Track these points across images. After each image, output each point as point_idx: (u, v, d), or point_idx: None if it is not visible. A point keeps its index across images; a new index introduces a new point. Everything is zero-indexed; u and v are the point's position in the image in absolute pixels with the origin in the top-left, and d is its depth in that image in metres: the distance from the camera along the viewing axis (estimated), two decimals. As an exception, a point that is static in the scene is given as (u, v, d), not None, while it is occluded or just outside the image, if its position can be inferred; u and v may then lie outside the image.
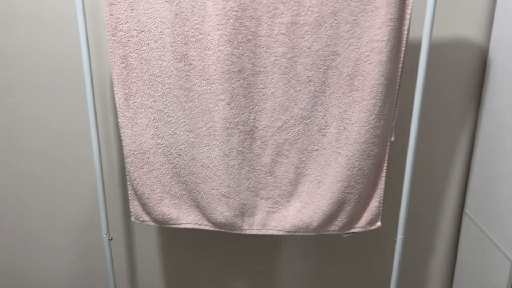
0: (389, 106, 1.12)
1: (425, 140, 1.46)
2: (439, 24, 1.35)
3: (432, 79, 1.40)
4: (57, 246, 1.61)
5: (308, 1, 1.02)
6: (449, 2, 1.32)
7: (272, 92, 1.10)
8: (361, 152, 1.12)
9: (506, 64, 1.24)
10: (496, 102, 1.30)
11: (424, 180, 1.51)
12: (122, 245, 1.59)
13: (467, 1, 1.32)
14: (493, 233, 1.32)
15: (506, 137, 1.24)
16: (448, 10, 1.33)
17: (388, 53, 1.05)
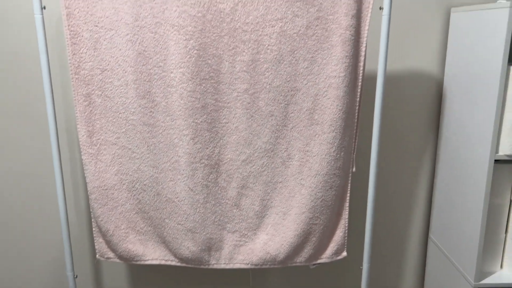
0: (349, 139, 1.15)
1: (387, 170, 1.51)
2: (396, 57, 1.41)
3: (392, 111, 1.46)
4: (25, 284, 1.55)
5: (267, 40, 1.07)
6: (404, 37, 1.40)
7: (235, 126, 1.13)
8: (324, 184, 1.15)
9: (460, 94, 1.30)
10: (452, 131, 1.36)
11: (388, 208, 1.54)
12: (89, 283, 1.55)
13: (421, 35, 1.40)
14: (455, 258, 1.35)
15: (463, 165, 1.30)
16: (404, 45, 1.40)
17: (345, 89, 1.09)
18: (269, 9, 1.05)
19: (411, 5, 1.37)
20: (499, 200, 1.24)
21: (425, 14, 1.38)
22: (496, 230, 1.27)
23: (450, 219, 1.38)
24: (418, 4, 1.37)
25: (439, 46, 1.41)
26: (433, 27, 1.39)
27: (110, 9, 1.03)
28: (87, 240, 1.51)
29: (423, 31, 1.39)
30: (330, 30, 1.07)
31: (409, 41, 1.40)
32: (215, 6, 1.03)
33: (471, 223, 1.24)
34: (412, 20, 1.38)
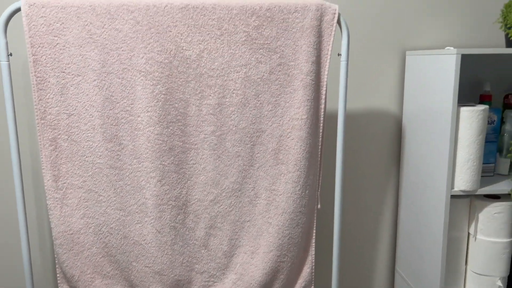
0: (313, 177, 1.19)
1: (352, 205, 1.55)
2: (358, 98, 1.49)
3: (356, 148, 1.52)
4: (-21, 336, 1.48)
5: (232, 85, 1.11)
6: (365, 78, 1.47)
7: (203, 167, 1.15)
8: (290, 221, 1.18)
9: (417, 132, 1.37)
10: (412, 167, 1.43)
11: (355, 242, 1.58)
12: (53, 329, 1.50)
13: (381, 77, 1.48)
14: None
15: (422, 200, 1.35)
16: (365, 85, 1.48)
17: (307, 130, 1.14)
18: (234, 56, 1.09)
19: (370, 49, 1.45)
20: (457, 233, 1.30)
21: (383, 57, 1.46)
22: (456, 262, 1.32)
23: (414, 252, 1.42)
24: (376, 48, 1.45)
25: (397, 87, 1.49)
26: (391, 69, 1.47)
27: (77, 56, 1.06)
28: (52, 287, 1.46)
29: (382, 72, 1.47)
30: (292, 76, 1.12)
31: (370, 82, 1.48)
32: (181, 53, 1.07)
33: (433, 256, 1.29)
34: (372, 63, 1.46)
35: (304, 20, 1.09)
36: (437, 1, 1.44)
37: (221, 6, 1.07)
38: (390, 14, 1.44)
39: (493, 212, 1.25)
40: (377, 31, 1.45)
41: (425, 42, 1.46)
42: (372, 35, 1.45)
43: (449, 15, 1.45)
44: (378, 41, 1.45)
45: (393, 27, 1.45)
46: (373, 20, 1.44)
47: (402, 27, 1.45)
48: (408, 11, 1.44)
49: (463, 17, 1.45)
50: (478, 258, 1.29)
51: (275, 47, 1.10)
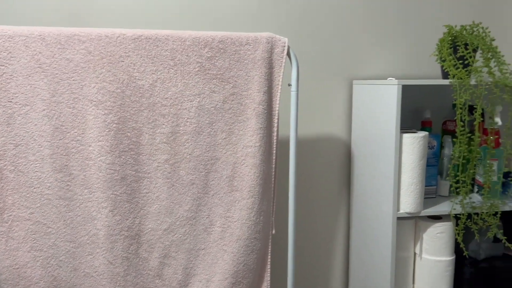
0: (267, 203, 1.22)
1: (305, 228, 1.59)
2: (310, 124, 1.54)
3: (308, 173, 1.56)
4: None
5: (186, 114, 1.12)
6: (315, 105, 1.54)
7: (156, 196, 1.14)
8: (245, 248, 1.19)
9: (364, 157, 1.44)
10: (361, 190, 1.49)
11: (309, 266, 1.61)
12: None
13: (330, 104, 1.55)
14: (372, 311, 1.43)
15: (371, 222, 1.41)
16: (316, 113, 1.54)
17: (261, 157, 1.17)
18: (187, 85, 1.12)
19: (320, 78, 1.52)
20: (404, 253, 1.36)
21: (332, 86, 1.54)
22: (404, 281, 1.38)
23: (365, 273, 1.47)
24: (325, 78, 1.53)
25: (346, 114, 1.56)
26: (339, 97, 1.55)
27: (25, 85, 1.04)
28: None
29: (332, 101, 1.54)
30: (245, 105, 1.16)
31: (320, 110, 1.54)
32: (134, 83, 1.08)
33: (382, 276, 1.34)
34: (321, 92, 1.53)
35: (256, 52, 1.14)
36: (381, 35, 1.54)
37: (174, 37, 1.10)
38: (338, 46, 1.52)
39: (436, 232, 1.32)
40: (326, 62, 1.52)
41: (371, 72, 1.55)
42: (321, 65, 1.52)
43: (392, 48, 1.55)
44: (327, 71, 1.53)
45: (341, 58, 1.53)
46: (322, 52, 1.51)
47: (349, 59, 1.53)
48: (354, 44, 1.53)
49: (405, 50, 1.56)
50: (424, 276, 1.35)
51: (228, 77, 1.14)
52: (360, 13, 1.52)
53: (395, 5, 1.54)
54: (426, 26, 1.57)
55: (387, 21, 1.54)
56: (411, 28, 1.56)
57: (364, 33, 1.53)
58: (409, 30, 1.56)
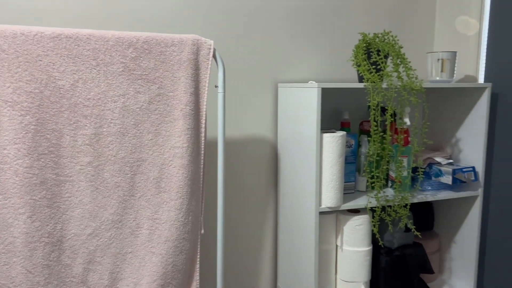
0: (196, 203, 1.23)
1: (235, 227, 1.63)
2: (238, 125, 1.58)
3: (237, 172, 1.60)
4: None
5: (110, 115, 1.10)
6: (243, 107, 1.58)
7: (79, 200, 1.11)
8: (174, 249, 1.19)
9: (289, 156, 1.51)
10: (287, 187, 1.56)
11: (238, 263, 1.65)
12: None
13: (257, 105, 1.59)
14: (299, 303, 1.50)
15: (296, 217, 1.48)
16: (244, 114, 1.58)
17: (189, 157, 1.18)
18: (111, 86, 1.10)
19: (247, 81, 1.57)
20: (326, 246, 1.44)
21: (259, 88, 1.59)
22: (327, 272, 1.47)
23: (292, 267, 1.53)
24: (252, 80, 1.57)
25: (272, 115, 1.62)
26: (266, 99, 1.60)
27: None
28: None
29: (259, 102, 1.59)
30: (172, 106, 1.16)
31: (247, 111, 1.58)
32: (54, 83, 1.04)
33: (307, 269, 1.41)
34: (248, 94, 1.58)
35: (182, 54, 1.15)
36: (304, 41, 1.62)
37: (97, 37, 1.07)
38: (264, 50, 1.58)
39: (354, 225, 1.42)
40: (253, 66, 1.57)
41: (295, 76, 1.63)
42: (248, 69, 1.57)
43: (314, 53, 1.64)
44: (254, 74, 1.57)
45: (267, 62, 1.58)
46: (249, 56, 1.56)
47: (274, 63, 1.59)
48: (279, 48, 1.60)
49: (326, 55, 1.66)
50: (345, 267, 1.45)
51: (153, 78, 1.13)
52: (284, 18, 1.59)
53: (317, 12, 1.63)
54: (345, 33, 1.68)
55: (310, 27, 1.63)
56: (332, 35, 1.66)
57: (289, 38, 1.61)
58: (330, 36, 1.66)
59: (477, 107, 1.53)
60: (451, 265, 1.68)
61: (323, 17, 1.64)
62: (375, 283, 1.51)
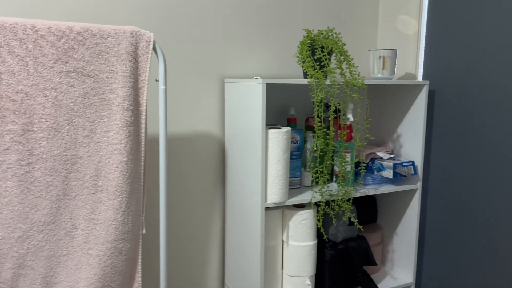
0: (136, 202, 1.19)
1: (182, 225, 1.59)
2: (184, 120, 1.54)
3: (183, 170, 1.56)
4: None
5: (41, 109, 1.03)
6: (189, 102, 1.54)
7: (7, 201, 1.03)
8: (113, 250, 1.14)
9: (236, 152, 1.50)
10: (234, 184, 1.54)
11: (185, 262, 1.61)
12: None
13: (204, 101, 1.56)
14: (246, 300, 1.49)
15: (243, 213, 1.47)
16: (190, 109, 1.55)
17: (128, 155, 1.13)
18: (41, 79, 1.03)
19: (192, 75, 1.53)
20: (272, 241, 1.45)
21: (205, 83, 1.56)
22: (274, 267, 1.47)
23: (239, 264, 1.53)
24: (199, 75, 1.54)
25: (219, 111, 1.60)
26: (213, 94, 1.58)
27: None
28: None
29: (205, 97, 1.56)
30: (109, 100, 1.11)
31: (194, 106, 1.55)
32: (-25, 75, 0.96)
33: (253, 265, 1.41)
34: (195, 89, 1.54)
35: (119, 46, 1.10)
36: (251, 36, 1.61)
37: (25, 26, 1.00)
38: (210, 45, 1.55)
39: (300, 220, 1.43)
40: (198, 60, 1.54)
41: (241, 71, 1.62)
42: (193, 63, 1.53)
43: (261, 49, 1.64)
44: (199, 68, 1.54)
45: (213, 57, 1.56)
46: (194, 49, 1.53)
47: (220, 57, 1.57)
48: (226, 43, 1.57)
49: (273, 50, 1.66)
50: (291, 262, 1.46)
51: (88, 71, 1.08)
52: (230, 12, 1.57)
53: (264, 6, 1.62)
54: (292, 29, 1.68)
55: (257, 22, 1.62)
56: (279, 30, 1.66)
57: (235, 32, 1.59)
58: (277, 32, 1.66)
59: (416, 104, 1.59)
60: (393, 256, 1.75)
61: (270, 12, 1.64)
62: (320, 277, 1.53)
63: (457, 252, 1.55)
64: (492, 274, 1.43)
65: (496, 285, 1.43)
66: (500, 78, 1.38)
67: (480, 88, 1.44)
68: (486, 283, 1.46)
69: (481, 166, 1.45)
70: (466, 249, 1.52)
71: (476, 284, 1.49)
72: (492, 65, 1.40)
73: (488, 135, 1.43)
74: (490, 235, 1.43)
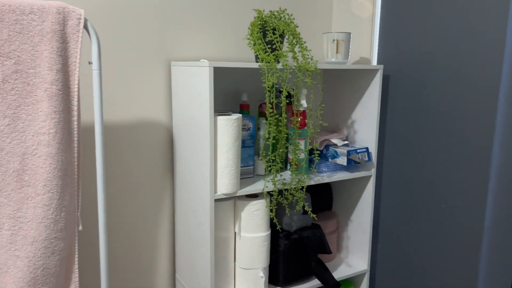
0: (70, 197, 1.08)
1: (128, 219, 1.49)
2: (126, 109, 1.43)
3: (128, 161, 1.46)
4: None
5: (-51, 95, 0.90)
6: (132, 87, 1.43)
7: None
8: (44, 250, 1.04)
9: (185, 140, 1.41)
10: (183, 174, 1.46)
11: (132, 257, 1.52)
12: None
13: (149, 86, 1.46)
14: (197, 295, 1.43)
15: (192, 205, 1.39)
16: (132, 95, 1.44)
17: (58, 145, 1.02)
18: (-51, 60, 0.90)
19: (135, 58, 1.42)
20: (224, 233, 1.38)
21: (150, 66, 1.45)
22: (226, 261, 1.41)
23: (189, 257, 1.45)
24: (142, 57, 1.43)
25: (166, 96, 1.50)
26: (158, 78, 1.47)
27: None
28: None
29: (150, 82, 1.46)
30: (33, 85, 0.99)
31: (138, 92, 1.44)
32: None
33: (203, 258, 1.34)
34: (138, 72, 1.43)
35: (43, 24, 0.98)
36: (200, 15, 1.51)
37: None
38: (153, 24, 1.44)
39: (252, 210, 1.38)
40: (140, 40, 1.42)
41: (189, 54, 1.52)
42: (135, 44, 1.42)
43: (211, 29, 1.54)
44: (143, 50, 1.43)
45: (157, 38, 1.45)
46: (135, 29, 1.41)
47: (165, 39, 1.46)
48: (171, 24, 1.47)
49: (224, 31, 1.57)
50: (243, 254, 1.40)
51: (7, 51, 0.95)
52: (175, -9, 1.46)
53: (211, -14, 1.52)
54: (243, 10, 1.60)
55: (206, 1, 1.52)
56: (229, 10, 1.57)
57: (182, 11, 1.48)
58: (227, 12, 1.56)
59: (370, 89, 1.56)
60: (348, 244, 1.73)
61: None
62: (274, 268, 1.49)
63: (411, 238, 1.55)
64: (446, 260, 1.44)
65: (449, 271, 1.43)
66: (455, 63, 1.37)
67: (435, 73, 1.42)
68: (439, 269, 1.46)
69: (435, 152, 1.44)
70: (420, 236, 1.52)
71: (430, 270, 1.50)
72: (448, 50, 1.39)
73: (442, 121, 1.42)
74: (443, 221, 1.44)
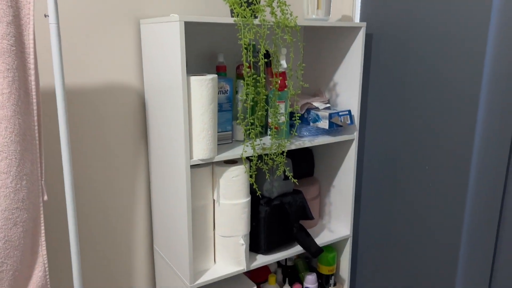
0: (31, 164, 1.00)
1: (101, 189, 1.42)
2: (92, 70, 1.33)
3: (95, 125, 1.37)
4: None
5: None
6: (97, 47, 1.33)
7: None
8: (5, 221, 0.96)
9: (158, 104, 1.32)
10: (156, 140, 1.38)
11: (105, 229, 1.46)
12: None
13: (116, 46, 1.35)
14: (174, 264, 1.38)
15: (167, 173, 1.32)
16: (98, 56, 1.33)
17: (13, 107, 0.93)
18: None
19: (99, 14, 1.31)
20: (202, 201, 1.32)
21: (116, 24, 1.34)
22: (205, 229, 1.36)
23: (166, 227, 1.39)
24: (106, 13, 1.32)
25: (136, 57, 1.40)
26: (126, 38, 1.37)
27: None
28: None
29: (117, 42, 1.35)
30: (-19, 39, 0.89)
31: (104, 52, 1.34)
32: None
33: (180, 228, 1.28)
34: (103, 31, 1.32)
35: (-12, -31, 0.87)
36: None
37: None
38: (119, -22, 1.32)
39: (231, 176, 1.32)
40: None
41: (161, 11, 1.41)
42: (101, 0, 1.30)
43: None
44: (108, 5, 1.32)
45: (124, -7, 1.34)
46: (100, -17, 1.30)
47: (134, -6, 1.35)
48: (139, -24, 1.35)
49: (195, -12, 1.46)
50: (223, 222, 1.35)
51: None
52: None
53: None
54: (216, -35, 1.49)
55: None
56: (200, -35, 1.46)
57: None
58: (198, -33, 1.45)
59: (352, 49, 1.49)
60: (331, 209, 1.70)
61: None
62: (255, 235, 1.45)
63: (393, 202, 1.52)
64: (429, 223, 1.42)
65: (433, 234, 1.42)
66: (441, 21, 1.30)
67: (421, 32, 1.36)
68: (423, 233, 1.45)
69: (419, 114, 1.40)
70: (403, 199, 1.49)
71: (413, 233, 1.48)
72: (434, 7, 1.32)
73: (426, 82, 1.36)
74: (426, 184, 1.41)
